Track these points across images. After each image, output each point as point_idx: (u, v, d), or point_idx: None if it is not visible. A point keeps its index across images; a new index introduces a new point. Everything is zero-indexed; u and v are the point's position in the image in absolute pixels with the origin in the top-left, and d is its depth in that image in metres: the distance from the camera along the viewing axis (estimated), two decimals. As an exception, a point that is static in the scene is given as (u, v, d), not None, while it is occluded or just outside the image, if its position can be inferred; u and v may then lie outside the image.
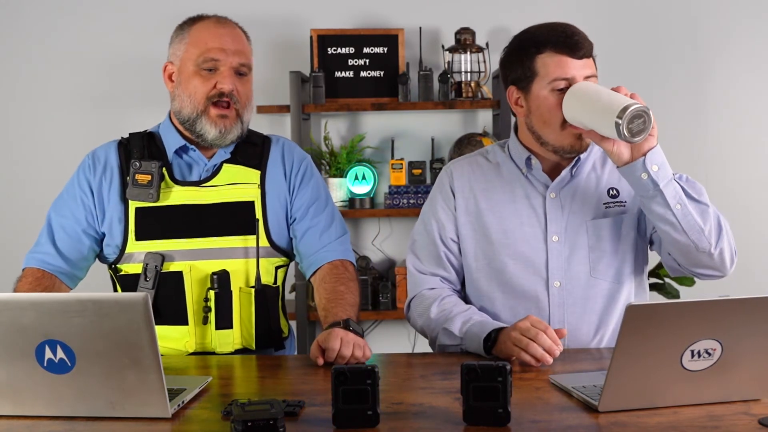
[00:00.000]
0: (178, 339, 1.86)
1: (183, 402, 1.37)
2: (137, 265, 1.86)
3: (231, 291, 1.86)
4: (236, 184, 1.90)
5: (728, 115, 3.32)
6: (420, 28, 3.25)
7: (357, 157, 3.26)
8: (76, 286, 1.94)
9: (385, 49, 3.24)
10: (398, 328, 3.34)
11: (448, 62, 3.21)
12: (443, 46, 3.25)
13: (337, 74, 3.24)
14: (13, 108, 3.33)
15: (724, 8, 3.30)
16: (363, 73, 3.25)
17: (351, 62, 3.24)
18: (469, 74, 3.22)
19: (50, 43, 3.30)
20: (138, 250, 1.86)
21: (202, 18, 1.92)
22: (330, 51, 3.23)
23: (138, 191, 1.85)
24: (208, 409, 1.36)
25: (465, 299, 1.89)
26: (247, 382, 1.60)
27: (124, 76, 3.29)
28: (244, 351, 1.88)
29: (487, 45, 3.21)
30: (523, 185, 1.85)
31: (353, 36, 3.24)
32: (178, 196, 1.88)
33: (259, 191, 1.91)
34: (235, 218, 1.89)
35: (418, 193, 3.14)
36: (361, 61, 3.24)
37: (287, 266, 2.00)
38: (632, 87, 1.75)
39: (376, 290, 3.20)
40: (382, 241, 3.37)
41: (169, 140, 1.93)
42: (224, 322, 1.85)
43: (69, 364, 1.27)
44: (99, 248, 1.93)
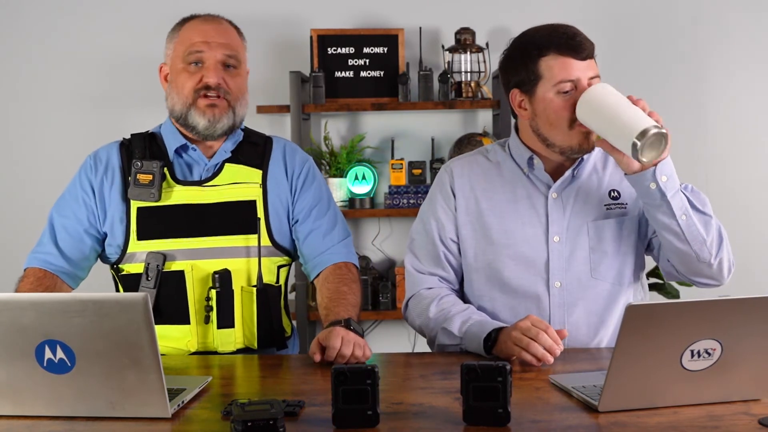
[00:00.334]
0: (180, 338, 1.86)
1: (183, 402, 1.37)
2: (139, 265, 1.86)
3: (232, 290, 1.86)
4: (238, 184, 1.91)
5: (728, 115, 3.32)
6: (420, 28, 3.25)
7: (357, 157, 3.26)
8: (78, 286, 1.95)
9: (385, 49, 3.24)
10: (398, 328, 3.34)
11: (448, 62, 3.21)
12: (443, 46, 3.25)
13: (337, 74, 3.24)
14: (13, 108, 3.33)
15: (724, 8, 3.30)
16: (363, 73, 3.25)
17: (351, 62, 3.24)
18: (469, 74, 3.22)
19: (50, 43, 3.30)
20: (139, 249, 1.86)
21: (192, 17, 1.93)
22: (330, 51, 3.23)
23: (139, 191, 1.86)
24: (208, 409, 1.36)
25: (463, 299, 1.89)
26: (247, 382, 1.60)
27: (124, 76, 3.29)
28: (246, 350, 1.88)
29: (487, 45, 3.21)
30: (524, 185, 1.84)
31: (353, 36, 3.23)
32: (179, 195, 1.88)
33: (260, 190, 1.91)
34: (236, 217, 1.89)
35: (418, 193, 3.14)
36: (361, 61, 3.24)
37: (290, 266, 2.01)
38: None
39: (376, 290, 3.20)
40: (382, 241, 3.37)
41: (169, 140, 1.93)
42: (226, 321, 1.85)
43: (69, 364, 1.27)
44: (101, 248, 1.93)
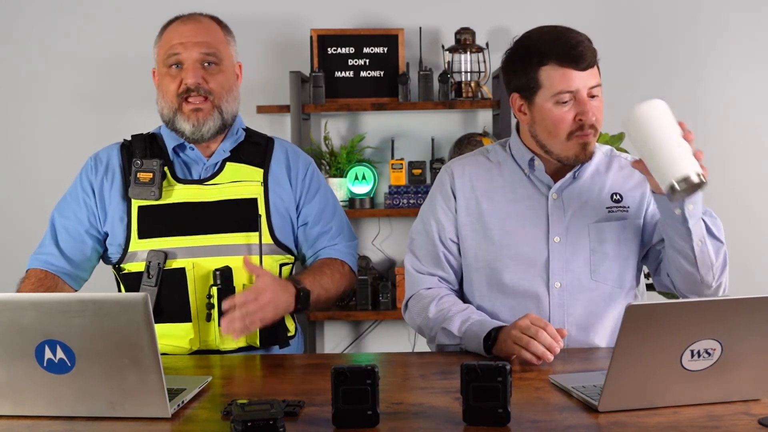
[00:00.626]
0: (182, 336, 1.85)
1: (183, 402, 1.37)
2: (140, 264, 1.86)
3: (234, 287, 1.85)
4: (239, 182, 1.91)
5: (727, 115, 3.32)
6: (420, 28, 3.25)
7: (357, 157, 3.26)
8: (80, 287, 1.95)
9: (385, 49, 3.23)
10: (398, 328, 3.34)
11: (448, 62, 3.21)
12: (443, 46, 3.25)
13: (337, 74, 3.23)
14: (13, 108, 3.33)
15: (724, 8, 3.30)
16: (363, 73, 3.24)
17: (351, 62, 3.24)
18: (469, 74, 3.22)
19: (50, 43, 3.30)
20: (141, 248, 1.86)
21: (174, 19, 1.93)
22: (330, 51, 3.23)
23: (140, 189, 1.86)
24: (208, 409, 1.36)
25: (463, 299, 1.89)
26: (247, 382, 1.60)
27: (124, 76, 3.29)
28: (249, 349, 1.88)
29: (487, 45, 3.21)
30: (525, 186, 1.84)
31: (353, 36, 3.23)
32: (180, 194, 1.88)
33: (261, 188, 1.92)
34: (237, 215, 1.89)
35: (418, 193, 3.14)
36: (361, 61, 3.24)
37: (292, 264, 2.00)
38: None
39: (376, 290, 3.20)
40: (382, 241, 3.37)
41: (168, 139, 1.93)
42: None
43: (69, 364, 1.27)
44: (102, 249, 1.93)
